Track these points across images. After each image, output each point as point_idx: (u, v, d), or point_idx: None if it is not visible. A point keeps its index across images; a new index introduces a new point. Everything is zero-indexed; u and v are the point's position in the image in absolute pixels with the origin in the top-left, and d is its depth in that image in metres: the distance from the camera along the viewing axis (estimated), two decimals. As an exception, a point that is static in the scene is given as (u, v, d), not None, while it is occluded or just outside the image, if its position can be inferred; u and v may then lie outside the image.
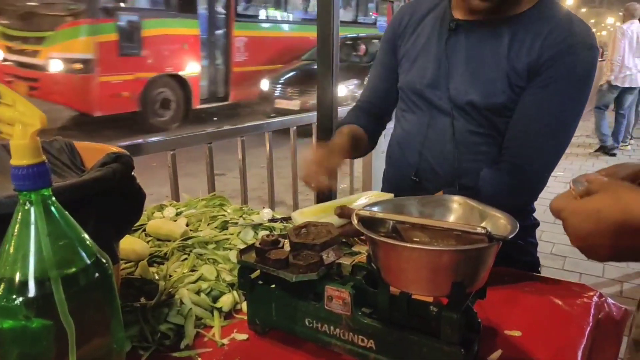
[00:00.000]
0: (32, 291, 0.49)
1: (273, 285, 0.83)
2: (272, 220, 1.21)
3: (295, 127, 2.33)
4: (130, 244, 1.00)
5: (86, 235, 0.53)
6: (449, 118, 1.10)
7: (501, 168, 1.04)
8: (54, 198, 0.51)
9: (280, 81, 7.90)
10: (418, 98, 1.16)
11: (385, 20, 11.37)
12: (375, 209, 0.76)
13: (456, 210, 0.76)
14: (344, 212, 0.86)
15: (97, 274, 0.52)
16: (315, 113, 1.95)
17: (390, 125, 1.34)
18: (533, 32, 1.02)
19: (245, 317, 0.87)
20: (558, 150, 1.05)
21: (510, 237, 0.62)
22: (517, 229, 0.63)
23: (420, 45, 1.17)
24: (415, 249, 0.62)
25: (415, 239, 0.70)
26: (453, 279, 0.62)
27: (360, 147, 1.26)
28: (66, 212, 0.52)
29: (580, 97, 1.03)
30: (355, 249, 0.80)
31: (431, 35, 1.15)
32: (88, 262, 0.52)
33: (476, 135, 1.09)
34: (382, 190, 1.29)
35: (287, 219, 1.23)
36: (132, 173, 0.73)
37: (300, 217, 1.02)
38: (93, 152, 0.85)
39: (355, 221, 0.69)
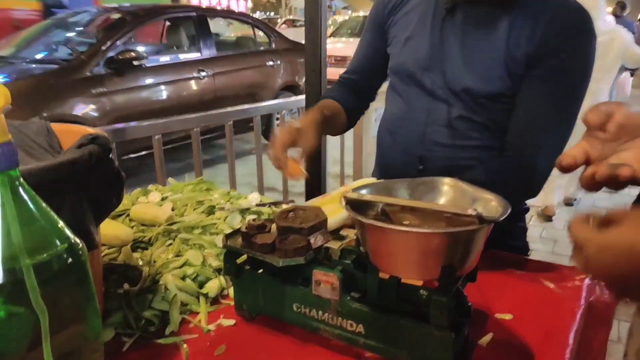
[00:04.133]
0: (1, 278, 0.46)
1: (260, 270, 0.82)
2: (260, 204, 1.19)
3: (283, 111, 2.30)
4: (113, 229, 0.97)
5: (59, 220, 0.50)
6: (445, 104, 1.07)
7: (506, 164, 1.02)
8: (22, 180, 0.48)
9: None
10: (411, 81, 1.11)
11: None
12: (363, 191, 0.74)
13: (447, 193, 0.74)
14: None
15: (70, 260, 0.50)
16: (304, 96, 1.92)
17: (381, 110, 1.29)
18: (532, 18, 0.98)
19: (232, 303, 0.85)
20: (562, 143, 1.03)
21: (501, 218, 0.60)
22: (509, 211, 0.62)
23: (413, 24, 1.12)
24: (404, 232, 0.60)
25: (404, 222, 0.68)
26: (443, 262, 0.60)
27: (336, 124, 1.16)
28: (37, 196, 0.49)
29: (581, 87, 1.00)
30: (343, 232, 0.78)
31: (425, 13, 1.10)
32: (61, 247, 0.49)
33: (471, 123, 1.05)
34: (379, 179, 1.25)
35: (275, 204, 1.21)
36: (110, 155, 0.70)
37: None
38: (71, 134, 0.81)
39: (343, 204, 0.66)
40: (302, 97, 2.04)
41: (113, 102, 3.94)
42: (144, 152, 3.96)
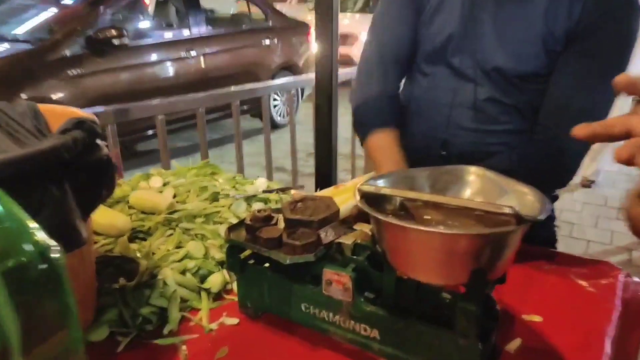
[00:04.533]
0: (-38, 288, 0.40)
1: (266, 265, 0.75)
2: (267, 191, 1.12)
3: (294, 90, 2.20)
4: (109, 218, 0.91)
5: (30, 219, 0.44)
6: (472, 84, 0.98)
7: (536, 149, 0.93)
8: (-16, 174, 0.41)
9: None
10: (438, 60, 1.02)
11: None
12: (380, 182, 0.66)
13: (473, 184, 0.66)
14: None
15: (43, 265, 0.43)
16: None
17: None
18: None
19: (236, 299, 0.79)
20: None
21: (542, 217, 0.52)
22: (550, 208, 0.54)
23: None
24: (430, 233, 0.52)
25: (426, 218, 0.60)
26: (472, 266, 0.53)
27: None
28: (2, 193, 0.42)
29: (623, 65, 0.90)
30: (356, 226, 0.71)
31: None
32: (31, 251, 0.42)
33: (501, 106, 0.97)
34: None
35: (283, 190, 1.14)
36: (99, 141, 0.62)
37: None
38: (59, 116, 0.74)
39: (357, 197, 0.59)
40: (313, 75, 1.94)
41: (92, 85, 3.58)
42: (150, 132, 3.89)
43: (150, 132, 3.91)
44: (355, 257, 0.69)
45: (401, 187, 0.62)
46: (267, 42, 5.15)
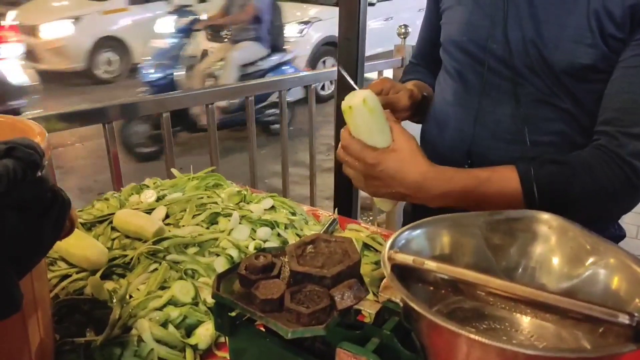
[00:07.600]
0: None
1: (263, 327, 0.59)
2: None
3: (313, 85, 2.01)
4: (83, 248, 0.75)
5: None
6: (509, 82, 0.80)
7: (595, 155, 0.73)
8: None
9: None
10: (463, 55, 0.86)
11: None
12: (417, 233, 0.49)
13: (546, 240, 0.48)
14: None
15: None
16: (335, 69, 1.64)
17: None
18: None
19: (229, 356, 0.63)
20: None
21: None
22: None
23: None
24: (503, 351, 0.35)
25: (482, 298, 0.43)
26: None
27: (426, 108, 0.99)
28: None
29: None
30: (382, 293, 0.54)
31: None
32: None
33: (547, 108, 0.79)
34: None
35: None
36: (40, 173, 0.47)
37: None
38: (5, 129, 0.59)
39: (387, 270, 0.42)
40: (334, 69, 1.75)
41: None
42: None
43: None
44: (379, 327, 0.52)
45: (448, 248, 0.44)
46: None
